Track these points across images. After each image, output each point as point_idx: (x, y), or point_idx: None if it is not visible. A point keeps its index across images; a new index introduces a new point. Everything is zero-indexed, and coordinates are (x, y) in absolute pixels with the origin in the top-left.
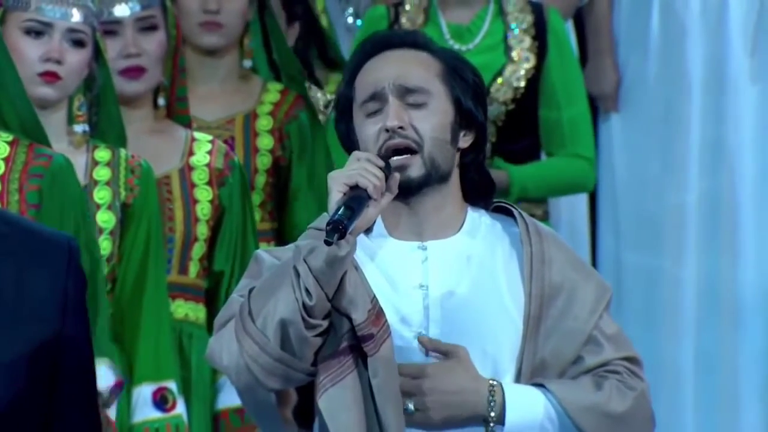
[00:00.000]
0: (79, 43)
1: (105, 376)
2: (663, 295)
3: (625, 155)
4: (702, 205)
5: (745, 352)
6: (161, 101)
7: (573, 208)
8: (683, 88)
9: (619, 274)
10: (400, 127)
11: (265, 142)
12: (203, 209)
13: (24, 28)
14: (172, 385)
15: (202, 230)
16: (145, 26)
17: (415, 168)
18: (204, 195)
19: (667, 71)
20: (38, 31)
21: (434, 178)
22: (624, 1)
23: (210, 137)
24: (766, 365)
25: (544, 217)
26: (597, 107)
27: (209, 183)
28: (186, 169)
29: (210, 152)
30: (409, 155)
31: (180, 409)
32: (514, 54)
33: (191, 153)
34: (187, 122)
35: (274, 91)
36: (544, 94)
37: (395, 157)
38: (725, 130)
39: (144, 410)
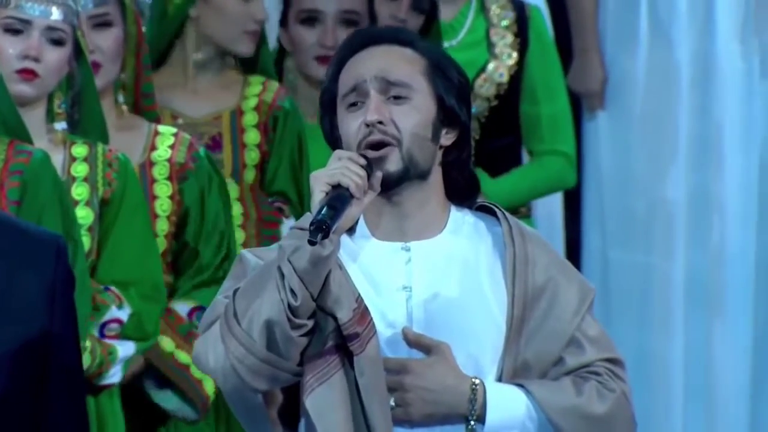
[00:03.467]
0: (58, 42)
1: None
2: (651, 291)
3: (612, 152)
4: (690, 201)
5: (733, 346)
6: (120, 98)
7: (548, 203)
8: (671, 84)
9: (605, 271)
10: (380, 122)
11: (252, 137)
12: (162, 205)
13: (3, 25)
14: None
15: (162, 226)
16: (99, 23)
17: (393, 162)
18: (163, 191)
19: (654, 67)
20: (17, 28)
21: (412, 173)
22: None
23: (174, 130)
24: (753, 359)
25: (528, 214)
26: (581, 105)
27: (169, 178)
28: (147, 165)
29: (172, 146)
30: (387, 148)
31: None
32: (497, 50)
33: (153, 148)
34: (155, 118)
35: (256, 84)
36: (524, 89)
37: (373, 152)
38: (713, 125)
39: None
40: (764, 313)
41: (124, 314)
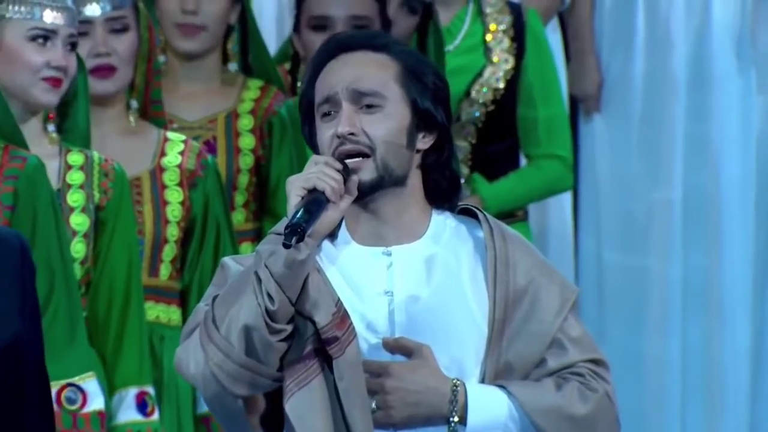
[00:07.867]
0: (74, 47)
1: (96, 393)
2: (648, 294)
3: (608, 155)
4: (687, 203)
5: (731, 348)
6: (134, 103)
7: (559, 212)
8: (668, 87)
9: (601, 273)
10: (351, 134)
11: (247, 141)
12: (173, 211)
13: (29, 36)
14: (151, 390)
15: (173, 232)
16: (116, 27)
17: (367, 171)
18: (174, 196)
19: (651, 70)
20: (44, 37)
21: (387, 181)
22: (608, 1)
23: (183, 137)
24: (751, 361)
25: (524, 218)
26: (577, 108)
27: (180, 184)
28: (157, 171)
29: (182, 153)
30: (360, 159)
31: (157, 415)
32: (494, 55)
33: (163, 154)
34: (162, 125)
35: (254, 88)
36: (521, 93)
37: (347, 160)
38: (710, 127)
39: (127, 413)
40: (762, 314)
41: (148, 388)
